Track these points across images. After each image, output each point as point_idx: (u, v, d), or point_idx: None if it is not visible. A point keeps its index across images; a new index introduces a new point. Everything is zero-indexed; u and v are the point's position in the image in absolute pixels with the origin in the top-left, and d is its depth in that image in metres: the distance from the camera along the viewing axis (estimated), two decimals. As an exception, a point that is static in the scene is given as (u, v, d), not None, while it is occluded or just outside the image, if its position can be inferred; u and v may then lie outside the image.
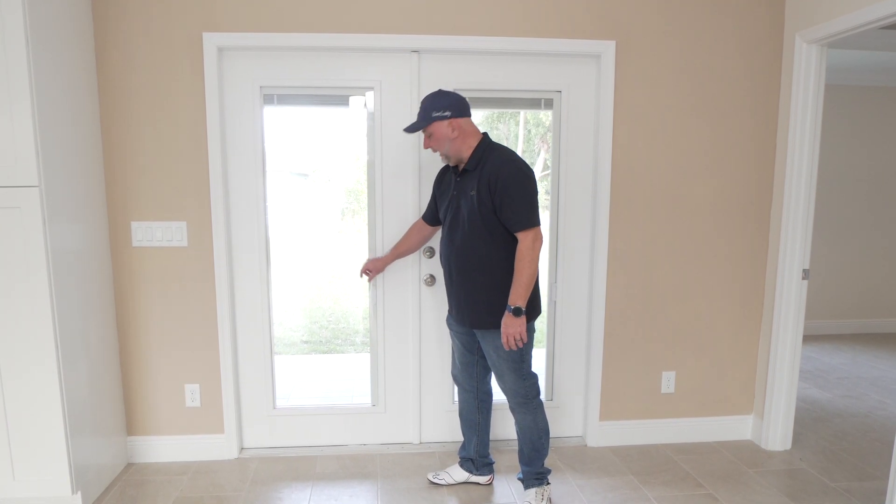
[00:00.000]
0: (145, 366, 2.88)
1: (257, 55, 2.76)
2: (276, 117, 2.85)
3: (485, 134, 2.39)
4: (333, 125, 2.85)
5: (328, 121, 2.85)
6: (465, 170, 2.37)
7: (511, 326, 2.25)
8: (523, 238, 2.22)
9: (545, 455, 2.52)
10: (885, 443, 3.17)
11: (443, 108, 2.30)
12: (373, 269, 2.84)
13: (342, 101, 2.86)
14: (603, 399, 3.10)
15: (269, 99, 2.81)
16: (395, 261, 2.84)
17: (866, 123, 5.26)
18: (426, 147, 2.40)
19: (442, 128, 2.31)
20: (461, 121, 2.33)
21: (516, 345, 2.27)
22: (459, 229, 2.37)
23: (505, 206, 2.24)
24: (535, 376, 2.45)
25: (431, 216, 2.67)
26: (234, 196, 2.85)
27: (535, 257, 2.22)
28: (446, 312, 3.00)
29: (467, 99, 2.35)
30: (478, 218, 2.30)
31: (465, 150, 2.35)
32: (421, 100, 2.39)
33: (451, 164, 2.45)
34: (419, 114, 2.36)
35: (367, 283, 2.97)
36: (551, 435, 3.13)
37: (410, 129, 2.38)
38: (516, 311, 2.24)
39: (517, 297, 2.24)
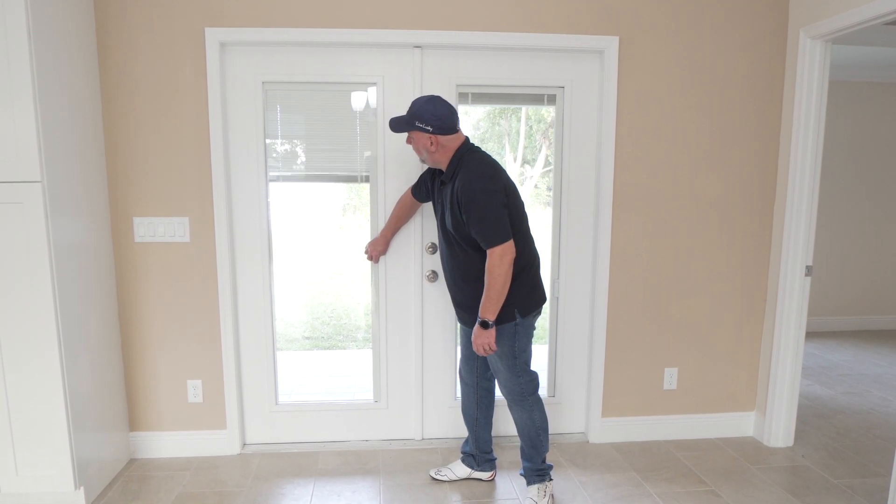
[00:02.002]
0: (147, 361, 2.88)
1: (259, 50, 2.76)
2: (277, 112, 2.84)
3: (465, 140, 2.36)
4: (335, 119, 2.84)
5: (330, 115, 2.85)
6: (442, 181, 2.38)
7: (480, 337, 2.29)
8: (491, 254, 2.21)
9: (544, 452, 2.52)
10: (888, 440, 3.17)
11: (427, 121, 2.26)
12: (374, 252, 2.85)
13: (344, 109, 2.85)
14: (605, 395, 3.10)
15: (271, 106, 2.81)
16: (393, 235, 2.86)
17: (869, 120, 5.25)
18: (408, 143, 2.41)
19: (422, 138, 2.31)
20: (442, 138, 2.29)
21: (487, 352, 2.31)
22: (446, 237, 2.41)
23: (471, 225, 2.23)
24: (532, 374, 2.45)
25: (419, 193, 2.66)
26: (236, 191, 2.85)
27: (502, 272, 2.21)
28: (448, 308, 3.01)
29: (470, 95, 2.33)
30: (456, 231, 2.32)
31: (444, 162, 2.34)
32: (415, 98, 2.35)
33: (432, 168, 2.45)
34: (407, 113, 2.34)
35: (370, 279, 2.97)
36: (553, 431, 3.14)
37: (393, 127, 2.36)
38: (483, 324, 2.27)
39: (486, 311, 2.26)
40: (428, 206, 2.91)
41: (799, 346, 2.99)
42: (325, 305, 3.70)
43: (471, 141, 2.39)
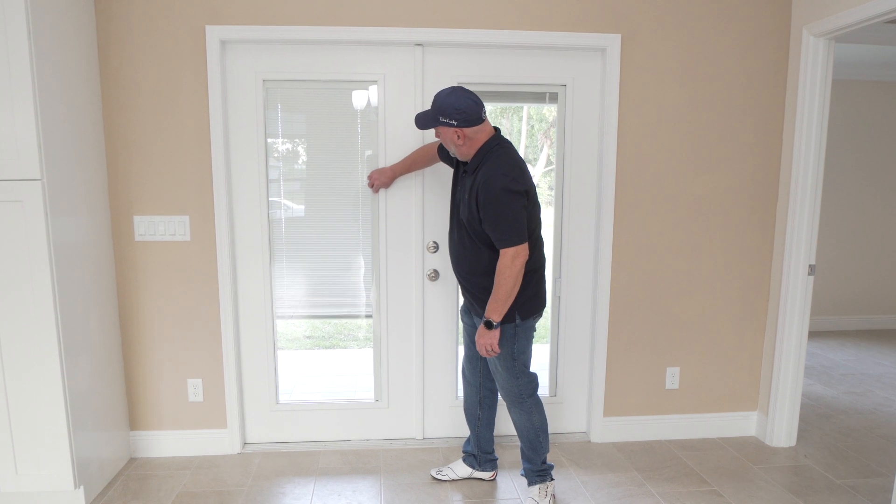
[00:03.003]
0: (148, 360, 2.88)
1: (260, 48, 2.75)
2: (278, 111, 2.84)
3: (495, 132, 2.31)
4: (336, 118, 2.84)
5: (331, 114, 2.84)
6: (465, 171, 2.35)
7: (483, 337, 2.28)
8: (503, 255, 2.18)
9: (544, 453, 2.51)
10: (891, 439, 3.16)
11: (450, 115, 2.20)
12: (377, 181, 2.80)
13: (345, 108, 2.84)
14: (607, 395, 3.09)
15: (271, 104, 2.81)
16: (402, 174, 2.81)
17: (872, 118, 5.23)
18: (437, 137, 2.37)
19: (448, 133, 2.25)
20: (468, 130, 2.23)
21: (488, 353, 2.29)
22: (458, 229, 2.38)
23: (487, 223, 2.21)
24: (531, 375, 2.43)
25: (445, 155, 2.60)
26: (236, 190, 2.84)
27: (513, 274, 2.18)
28: (450, 307, 3.00)
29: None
30: (469, 224, 2.29)
31: (471, 155, 2.29)
32: (435, 94, 2.31)
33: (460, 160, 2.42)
34: (430, 108, 2.28)
35: (371, 277, 2.97)
36: (555, 431, 3.14)
37: (419, 124, 2.31)
38: (488, 324, 2.25)
39: (492, 311, 2.23)
40: (430, 206, 2.90)
41: (801, 346, 2.98)
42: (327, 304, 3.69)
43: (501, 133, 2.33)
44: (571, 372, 3.14)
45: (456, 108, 2.20)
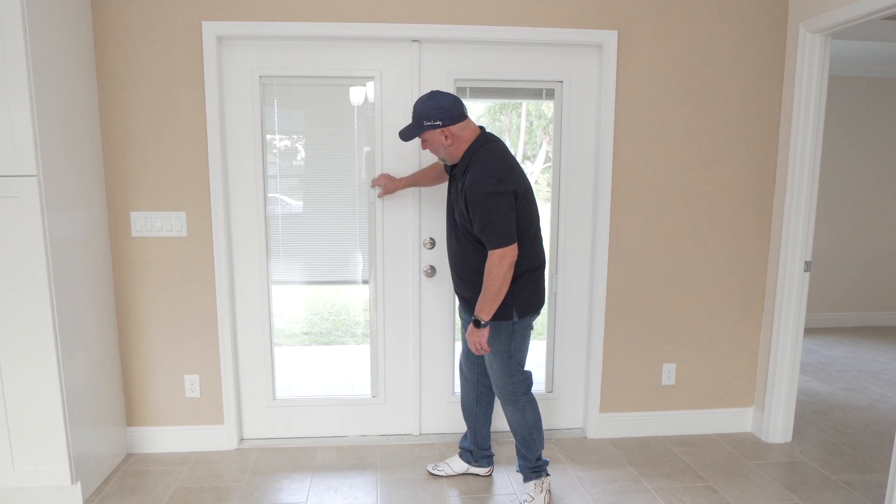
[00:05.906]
0: (145, 356, 2.88)
1: (257, 44, 2.75)
2: (275, 107, 2.83)
3: (480, 131, 2.31)
4: (334, 114, 2.84)
5: (328, 110, 2.84)
6: (455, 174, 2.35)
7: (472, 335, 2.30)
8: (491, 255, 2.19)
9: (538, 450, 2.50)
10: (886, 436, 3.17)
11: (433, 116, 2.22)
12: (384, 186, 2.81)
13: (342, 104, 2.84)
14: (603, 391, 3.10)
15: (268, 101, 2.81)
16: (408, 188, 2.82)
17: (869, 115, 5.23)
18: (423, 149, 2.39)
19: (435, 136, 2.27)
20: (454, 127, 2.24)
21: (478, 351, 2.31)
22: (455, 231, 2.39)
23: (475, 224, 2.21)
24: (525, 374, 2.43)
25: (449, 169, 2.59)
26: (233, 186, 2.84)
27: (501, 274, 2.18)
28: (446, 303, 3.01)
29: (468, 90, 2.31)
30: (462, 225, 2.30)
31: (459, 155, 2.30)
32: (415, 101, 2.32)
33: (449, 164, 2.42)
34: (412, 120, 2.30)
35: (369, 274, 2.97)
36: (551, 427, 3.15)
37: (404, 136, 2.33)
38: (476, 323, 2.27)
39: (481, 311, 2.24)
40: (426, 202, 2.90)
41: (798, 342, 2.99)
42: (324, 300, 3.68)
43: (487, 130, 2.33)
44: (568, 368, 3.14)
45: (438, 108, 2.22)
